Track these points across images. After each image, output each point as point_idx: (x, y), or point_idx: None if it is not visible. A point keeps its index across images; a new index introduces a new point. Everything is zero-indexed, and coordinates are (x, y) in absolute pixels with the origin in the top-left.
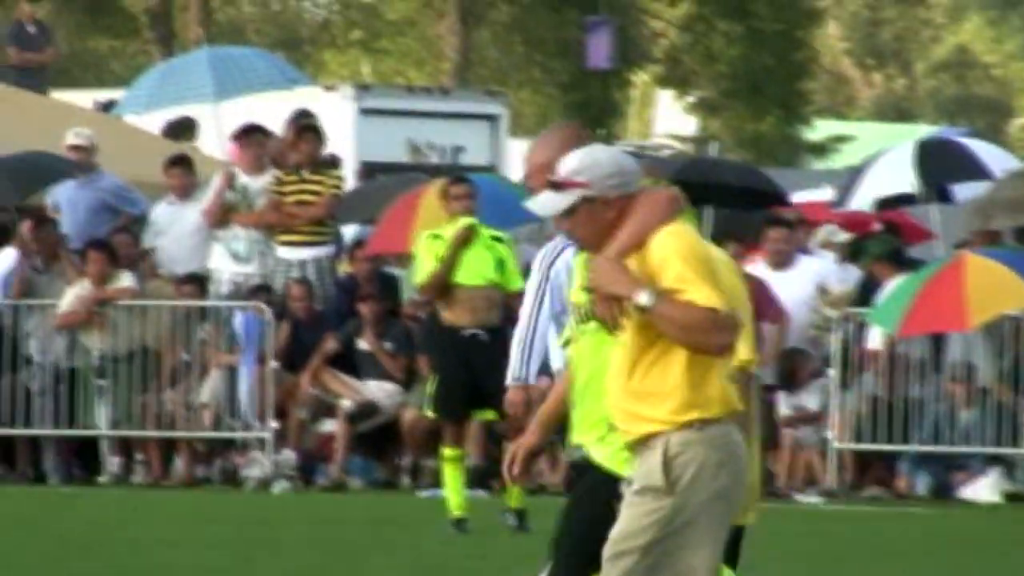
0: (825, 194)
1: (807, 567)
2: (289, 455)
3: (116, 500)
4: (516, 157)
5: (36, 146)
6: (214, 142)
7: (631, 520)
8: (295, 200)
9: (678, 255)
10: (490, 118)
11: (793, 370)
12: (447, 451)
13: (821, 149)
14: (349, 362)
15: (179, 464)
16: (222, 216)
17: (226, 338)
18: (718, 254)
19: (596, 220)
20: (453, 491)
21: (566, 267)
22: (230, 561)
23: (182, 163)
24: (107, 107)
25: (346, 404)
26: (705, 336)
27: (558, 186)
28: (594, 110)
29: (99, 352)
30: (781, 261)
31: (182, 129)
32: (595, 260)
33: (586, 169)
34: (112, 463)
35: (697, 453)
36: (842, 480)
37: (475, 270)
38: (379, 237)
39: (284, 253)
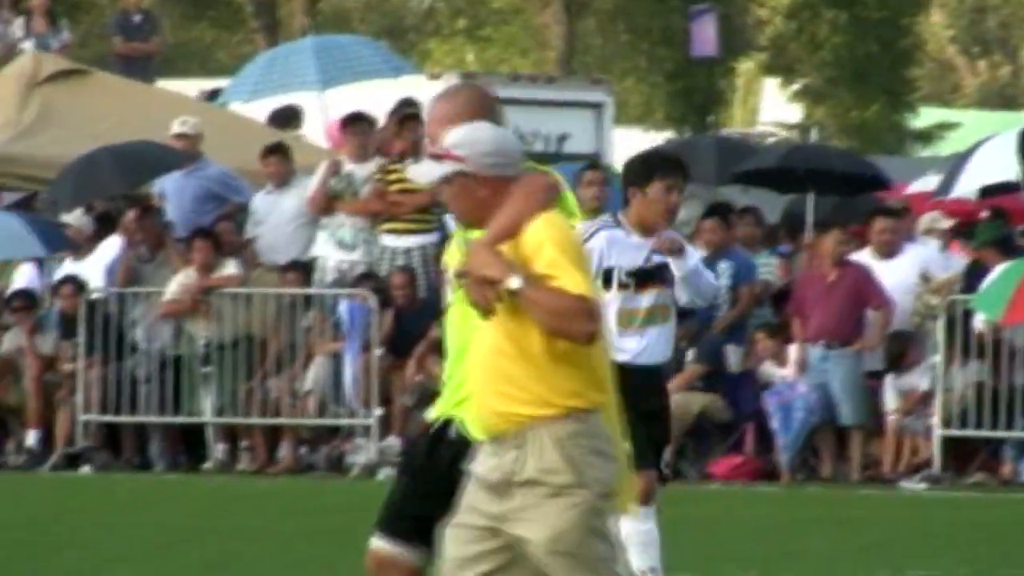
0: (930, 182)
1: (911, 553)
2: (394, 442)
3: (221, 487)
4: (621, 146)
5: (142, 135)
6: (319, 130)
7: (556, 521)
8: (399, 188)
9: (552, 242)
10: (595, 106)
11: (902, 353)
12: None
13: (926, 137)
14: None
15: (284, 451)
16: (327, 204)
17: (331, 325)
18: None
19: (469, 195)
20: None
21: (599, 248)
22: (335, 549)
23: (278, 151)
24: (212, 96)
25: None
26: (572, 323)
27: (438, 157)
28: (699, 98)
29: (204, 340)
30: (887, 250)
31: (287, 118)
32: (470, 244)
33: (466, 144)
34: (217, 450)
35: (586, 443)
36: (946, 466)
37: None
38: None
39: (388, 241)
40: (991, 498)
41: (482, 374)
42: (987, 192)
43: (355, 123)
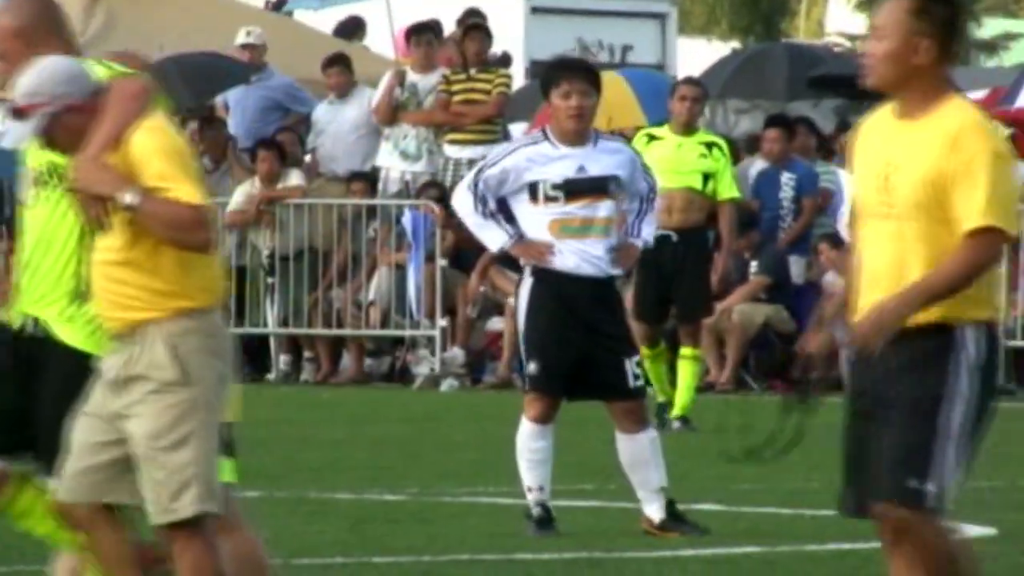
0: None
1: (976, 462)
2: (457, 353)
3: (285, 397)
4: (685, 56)
5: (207, 46)
6: (385, 41)
7: (156, 418)
8: (462, 99)
9: (158, 152)
10: (659, 16)
11: None
12: (644, 351)
13: (991, 47)
14: (518, 261)
15: (347, 362)
16: (391, 115)
17: (395, 236)
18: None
19: (72, 131)
20: (656, 382)
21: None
22: (398, 458)
23: (339, 62)
24: (278, 6)
25: (514, 302)
26: (189, 233)
27: (20, 113)
28: (764, 9)
29: (268, 251)
30: None
31: (353, 28)
32: (76, 160)
33: (40, 88)
34: (281, 361)
35: (197, 341)
36: (1011, 377)
37: (678, 175)
38: (537, 126)
39: (451, 152)
40: None
41: (97, 281)
42: None
43: (420, 33)
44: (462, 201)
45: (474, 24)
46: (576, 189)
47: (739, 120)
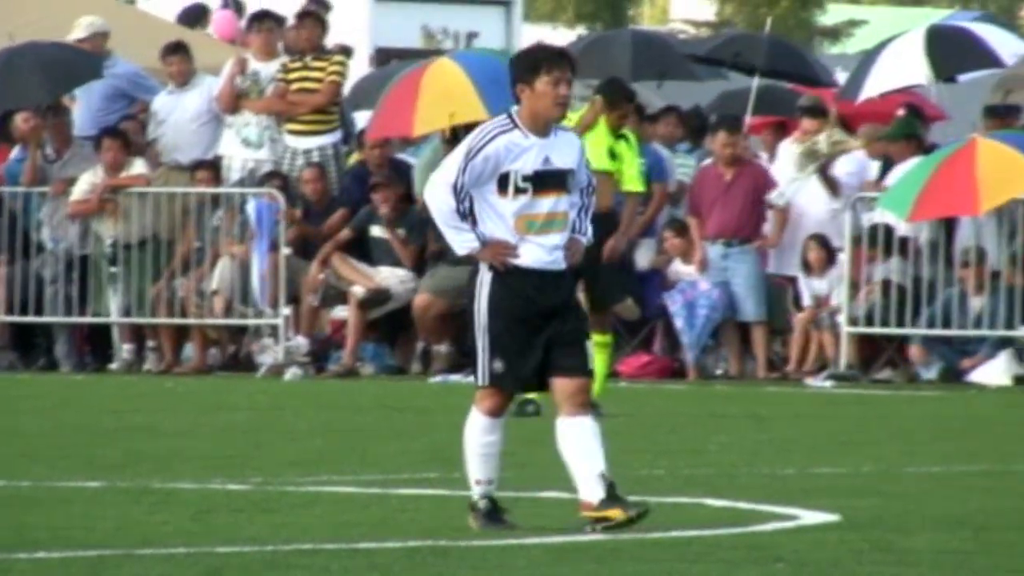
0: (842, 79)
1: (818, 450)
2: (301, 342)
3: (128, 387)
4: (530, 42)
5: (58, 35)
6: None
7: None
8: (298, 88)
9: None
10: (504, 3)
11: (821, 254)
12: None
13: (834, 34)
14: (362, 249)
15: (191, 351)
16: (233, 102)
17: (239, 225)
18: None
19: None
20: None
21: (495, 153)
22: (242, 447)
23: (179, 51)
24: None
25: (358, 291)
26: None
27: None
28: None
29: (111, 239)
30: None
31: (196, 16)
32: None
33: None
34: (124, 350)
35: None
36: (853, 364)
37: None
38: (379, 122)
39: (291, 141)
40: (896, 395)
41: None
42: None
43: (261, 20)
44: (442, 199)
45: (306, 11)
46: (544, 182)
47: (584, 105)
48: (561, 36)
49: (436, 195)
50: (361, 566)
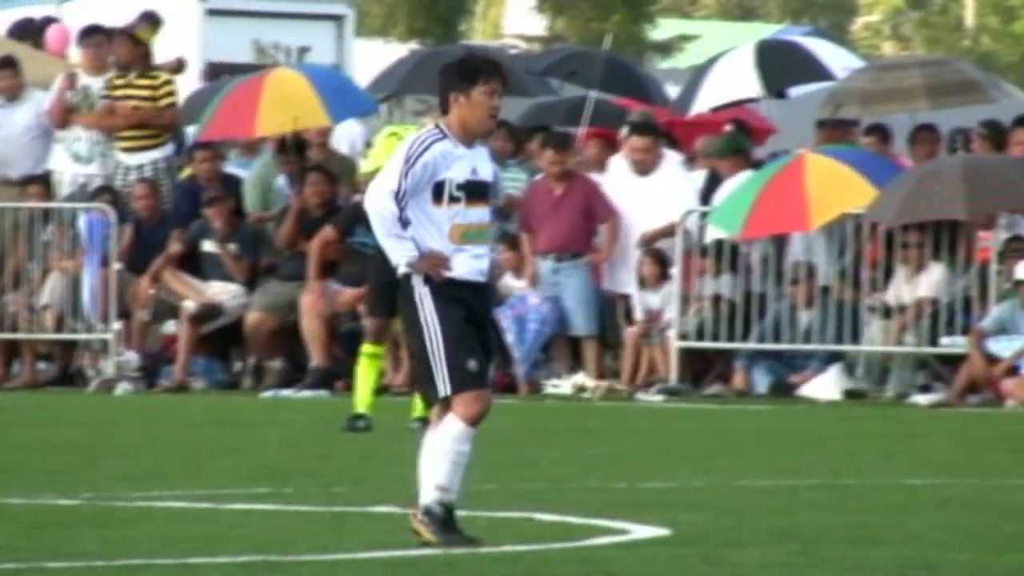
0: (673, 93)
1: (649, 465)
2: (132, 356)
3: None
4: (362, 57)
5: None
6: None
7: None
8: (123, 104)
9: None
10: (336, 18)
11: (657, 269)
12: (368, 347)
13: (665, 48)
14: (193, 264)
15: (22, 366)
16: (64, 117)
17: (69, 240)
18: None
19: None
20: (364, 387)
21: (433, 160)
22: (72, 463)
23: (8, 65)
24: None
25: (189, 305)
26: None
27: None
28: (442, 9)
29: None
30: (643, 167)
31: (27, 30)
32: None
33: None
34: None
35: None
36: (683, 378)
37: None
38: (216, 125)
39: (122, 157)
40: (726, 409)
41: None
42: (718, 111)
43: (90, 35)
44: (385, 206)
45: (120, 29)
46: (474, 191)
47: (418, 120)
48: (393, 51)
49: (378, 202)
50: None
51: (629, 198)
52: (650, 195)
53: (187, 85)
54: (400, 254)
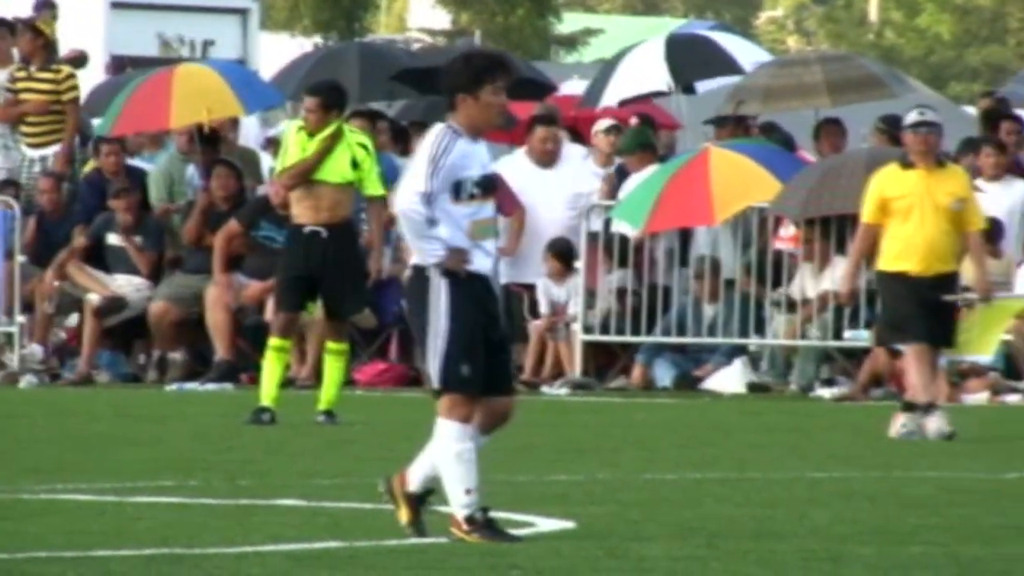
0: (575, 87)
1: (554, 458)
2: (36, 349)
3: None
4: (267, 51)
5: None
6: None
7: None
8: (25, 97)
9: None
10: (241, 12)
11: (562, 260)
12: (275, 341)
13: (570, 42)
14: (98, 256)
15: None
16: None
17: None
18: None
19: None
20: (270, 380)
21: (456, 160)
22: None
23: None
24: None
25: (94, 298)
26: None
27: None
28: (346, 4)
29: None
30: (548, 160)
31: None
32: None
33: None
34: None
35: None
36: (589, 371)
37: (330, 171)
38: (127, 119)
39: (27, 150)
40: (631, 403)
41: None
42: (628, 103)
43: None
44: (415, 209)
45: (24, 21)
46: (487, 187)
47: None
48: (299, 44)
49: (408, 205)
50: (96, 574)
51: (532, 191)
52: (553, 187)
53: (91, 78)
54: (429, 254)
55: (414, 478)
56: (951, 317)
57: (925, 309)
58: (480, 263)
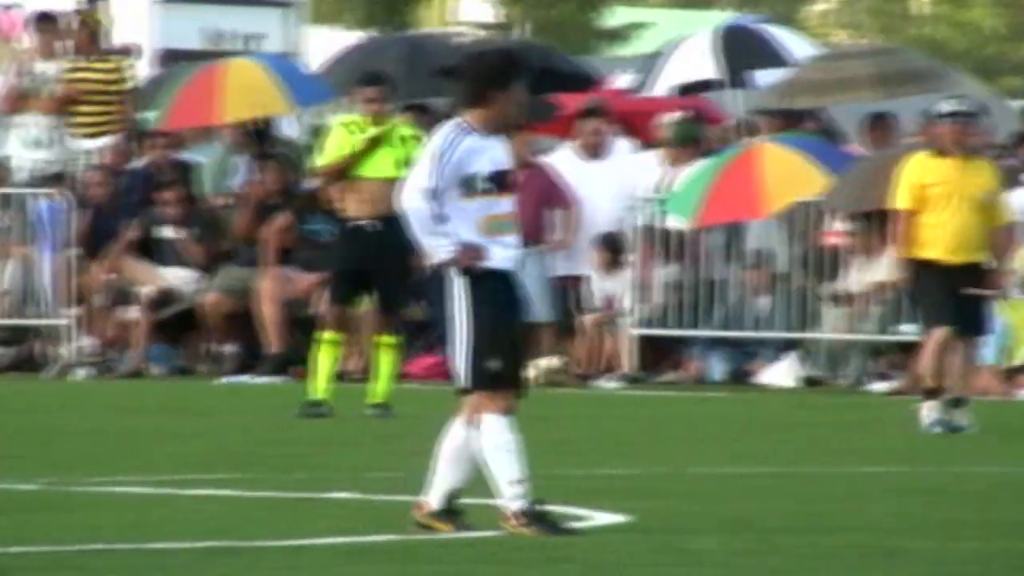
0: (625, 81)
1: (605, 452)
2: (89, 341)
3: None
4: (315, 45)
5: None
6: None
7: None
8: (79, 88)
9: None
10: (289, 5)
11: (613, 254)
12: (326, 334)
13: (619, 36)
14: (149, 249)
15: None
16: (17, 102)
17: (27, 225)
18: None
19: None
20: (322, 373)
21: (462, 156)
22: (31, 448)
23: None
24: None
25: (146, 291)
26: None
27: None
28: None
29: None
30: (596, 152)
31: None
32: None
33: None
34: None
35: None
36: (641, 365)
37: (379, 165)
38: (178, 114)
39: (80, 142)
40: (684, 397)
41: None
42: (686, 91)
43: (42, 21)
44: (419, 205)
45: (78, 11)
46: (502, 181)
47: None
48: (347, 38)
49: (413, 202)
50: (152, 566)
51: (580, 183)
52: (601, 180)
53: (140, 72)
54: (438, 251)
55: (432, 499)
56: (979, 307)
57: (953, 297)
58: (497, 260)
